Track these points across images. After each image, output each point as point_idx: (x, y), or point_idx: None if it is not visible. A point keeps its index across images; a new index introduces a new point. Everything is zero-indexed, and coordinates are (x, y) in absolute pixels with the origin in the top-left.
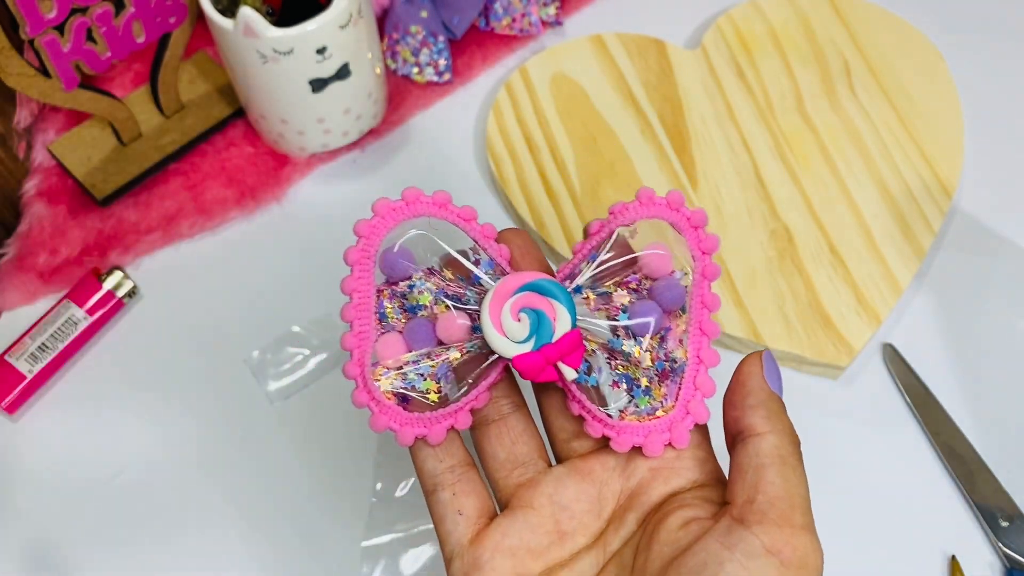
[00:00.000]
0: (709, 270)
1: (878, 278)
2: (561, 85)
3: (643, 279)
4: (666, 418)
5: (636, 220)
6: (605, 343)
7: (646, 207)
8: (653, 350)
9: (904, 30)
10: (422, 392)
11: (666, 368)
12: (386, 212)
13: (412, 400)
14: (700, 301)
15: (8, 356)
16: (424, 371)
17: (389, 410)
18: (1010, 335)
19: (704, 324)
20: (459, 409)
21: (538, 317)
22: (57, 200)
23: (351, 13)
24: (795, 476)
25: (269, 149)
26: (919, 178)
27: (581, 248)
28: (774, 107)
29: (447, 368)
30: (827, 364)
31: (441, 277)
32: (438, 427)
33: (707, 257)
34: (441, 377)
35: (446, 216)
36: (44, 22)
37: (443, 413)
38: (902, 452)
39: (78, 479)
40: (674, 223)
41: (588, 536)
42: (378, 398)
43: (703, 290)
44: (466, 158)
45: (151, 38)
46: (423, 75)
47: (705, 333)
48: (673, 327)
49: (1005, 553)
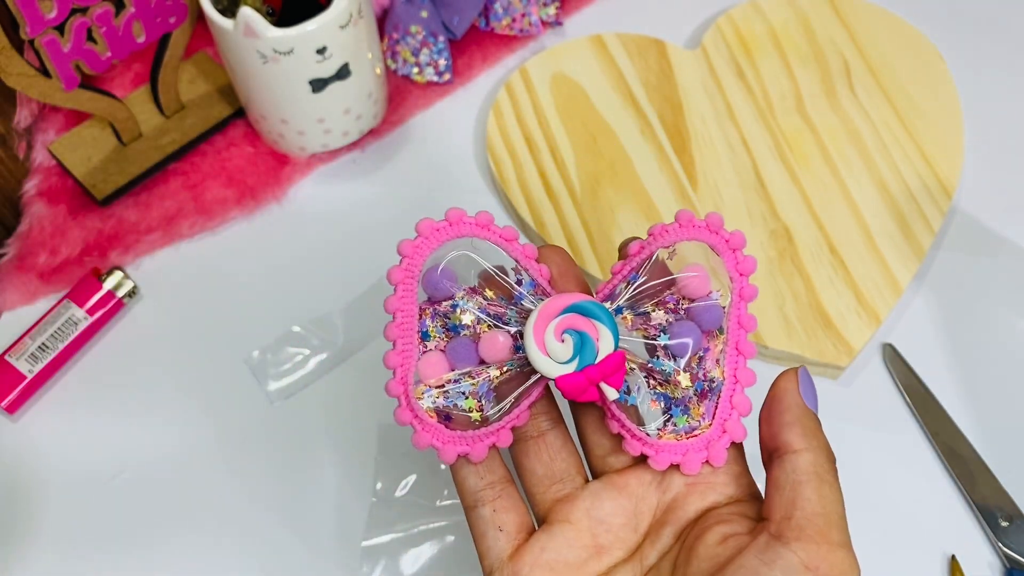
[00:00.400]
0: (747, 291)
1: (878, 278)
2: (561, 85)
3: (681, 299)
4: (703, 436)
5: (676, 242)
6: (644, 363)
7: (686, 229)
8: (692, 370)
9: (904, 30)
10: (464, 410)
11: (704, 388)
12: (430, 232)
13: (454, 418)
14: (737, 322)
15: (8, 356)
16: (466, 389)
17: (432, 428)
18: (1010, 335)
19: (741, 344)
20: (501, 428)
21: (582, 338)
22: (57, 200)
23: (351, 13)
24: (832, 493)
25: (269, 149)
26: (919, 178)
27: (620, 269)
28: (774, 107)
29: (488, 386)
30: (827, 364)
31: (483, 296)
32: (480, 445)
33: (744, 278)
34: (482, 396)
35: (488, 237)
36: (44, 22)
37: (485, 432)
38: (902, 452)
39: (78, 479)
40: (713, 245)
41: (625, 550)
42: (421, 416)
43: (740, 311)
44: (466, 158)
45: (151, 38)
46: (423, 75)
47: (742, 353)
48: (711, 347)
49: (1005, 553)
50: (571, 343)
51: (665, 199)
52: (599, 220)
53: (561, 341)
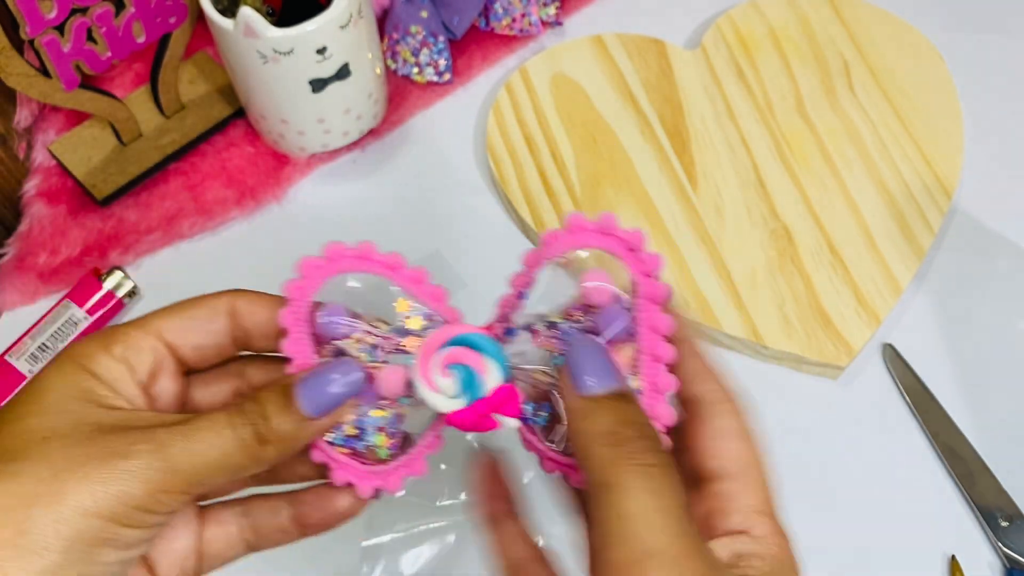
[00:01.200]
0: (655, 292)
1: (878, 278)
2: (561, 85)
3: (586, 309)
4: None
5: (567, 250)
6: (552, 380)
7: (575, 235)
8: None
9: (904, 30)
10: (372, 446)
11: None
12: (310, 271)
13: (365, 453)
14: (649, 326)
15: (8, 356)
16: (374, 424)
17: (346, 466)
18: (1010, 335)
19: (656, 349)
20: (413, 459)
21: (467, 372)
22: (57, 200)
23: (351, 13)
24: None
25: (269, 149)
26: (919, 178)
27: (516, 280)
28: (774, 107)
29: (396, 420)
30: (827, 364)
31: (377, 331)
32: (394, 477)
33: (650, 278)
34: (391, 429)
35: (370, 269)
36: (44, 22)
37: (397, 465)
38: (902, 452)
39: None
40: (607, 249)
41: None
42: (333, 455)
43: (651, 314)
44: (466, 158)
45: (151, 38)
46: (423, 75)
47: (658, 359)
48: (620, 357)
49: (1005, 553)
50: (456, 379)
51: (665, 199)
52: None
53: (447, 376)
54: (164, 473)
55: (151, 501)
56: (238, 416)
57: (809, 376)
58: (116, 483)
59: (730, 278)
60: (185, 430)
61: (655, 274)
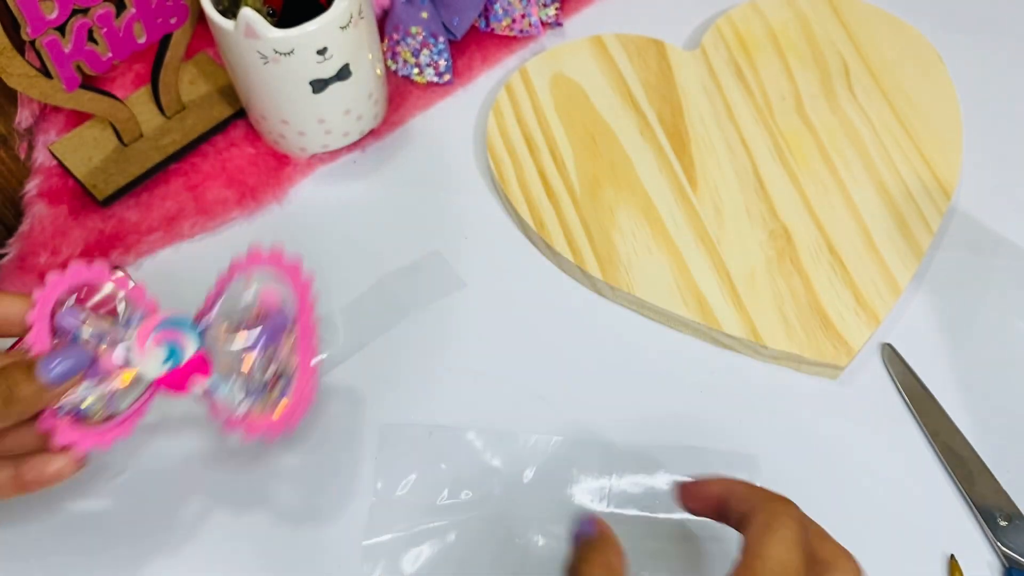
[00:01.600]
0: (308, 303)
1: (877, 278)
2: (561, 86)
3: (260, 313)
4: (285, 409)
5: (248, 271)
6: (231, 363)
7: (253, 260)
8: (267, 364)
9: (903, 31)
10: (90, 413)
11: (276, 375)
12: (51, 283)
13: (86, 418)
14: (304, 328)
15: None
16: (95, 394)
17: (67, 429)
18: (1009, 335)
19: (308, 342)
20: (124, 421)
21: (171, 346)
22: (58, 200)
23: (352, 14)
24: None
25: (270, 149)
26: (918, 178)
27: (210, 295)
28: (773, 108)
29: (112, 393)
30: (826, 364)
31: (103, 324)
32: (107, 437)
33: (304, 295)
34: (107, 400)
35: (99, 279)
36: (45, 23)
37: (110, 427)
38: (901, 452)
39: (78, 479)
40: (276, 272)
41: None
42: (57, 422)
43: (305, 318)
44: (466, 158)
45: (152, 39)
46: (423, 76)
47: (307, 351)
48: (283, 345)
49: (1004, 552)
50: (164, 349)
51: (664, 199)
52: (599, 220)
53: (157, 346)
54: None
55: None
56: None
57: (808, 376)
58: None
59: (729, 278)
60: None
61: (309, 289)
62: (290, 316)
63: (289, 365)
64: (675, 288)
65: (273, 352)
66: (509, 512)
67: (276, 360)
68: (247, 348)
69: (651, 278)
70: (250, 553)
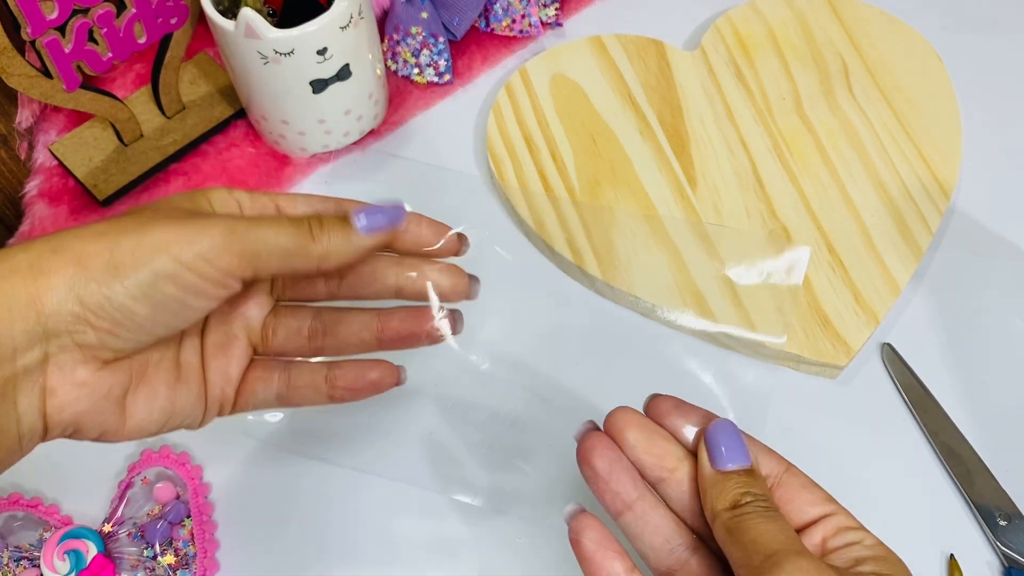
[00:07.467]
0: (197, 489)
1: (876, 278)
2: (561, 86)
3: (159, 503)
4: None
5: (146, 469)
6: (135, 561)
7: (146, 460)
8: (167, 552)
9: (902, 31)
10: None
11: (179, 561)
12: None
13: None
14: (196, 507)
15: None
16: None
17: None
18: (1008, 335)
19: (206, 530)
20: None
21: (76, 554)
22: (59, 200)
23: (352, 14)
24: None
25: (270, 150)
26: (917, 178)
27: (114, 500)
28: (772, 108)
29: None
30: (825, 364)
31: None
32: None
33: (197, 488)
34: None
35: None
36: (46, 23)
37: None
38: (900, 452)
39: (78, 480)
40: (178, 474)
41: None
42: None
43: (197, 501)
44: (466, 158)
45: (152, 39)
46: (423, 76)
47: (206, 532)
48: (181, 535)
49: (1003, 552)
50: (68, 560)
51: (664, 200)
52: (599, 220)
53: (63, 560)
54: (228, 237)
55: (213, 254)
56: (302, 221)
57: (808, 376)
58: (186, 232)
59: (729, 278)
60: (256, 219)
61: (199, 479)
62: (185, 505)
63: (189, 551)
64: (674, 288)
65: (171, 543)
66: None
67: (174, 547)
68: (148, 543)
69: (651, 278)
70: (252, 552)
